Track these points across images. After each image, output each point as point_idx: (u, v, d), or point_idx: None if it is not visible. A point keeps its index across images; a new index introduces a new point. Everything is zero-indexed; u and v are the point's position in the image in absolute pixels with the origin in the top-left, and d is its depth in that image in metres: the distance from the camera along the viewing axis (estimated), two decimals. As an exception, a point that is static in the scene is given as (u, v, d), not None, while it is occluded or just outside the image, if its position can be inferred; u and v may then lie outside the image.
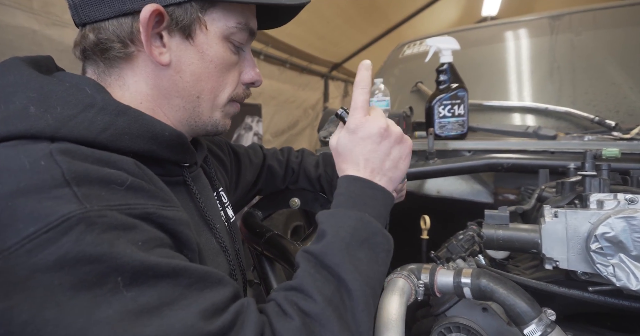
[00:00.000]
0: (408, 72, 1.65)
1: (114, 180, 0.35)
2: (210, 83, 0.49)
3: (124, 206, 0.34)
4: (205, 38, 0.47)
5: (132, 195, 0.35)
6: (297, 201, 0.87)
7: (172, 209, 0.38)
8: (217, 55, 0.48)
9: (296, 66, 3.38)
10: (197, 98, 0.49)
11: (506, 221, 0.60)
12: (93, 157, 0.36)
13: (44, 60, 0.47)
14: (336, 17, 3.06)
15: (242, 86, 0.54)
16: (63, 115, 0.38)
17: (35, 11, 1.11)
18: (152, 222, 0.36)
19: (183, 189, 0.51)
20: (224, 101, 0.52)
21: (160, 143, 0.45)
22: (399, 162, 0.53)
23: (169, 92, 0.48)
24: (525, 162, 0.91)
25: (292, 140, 3.57)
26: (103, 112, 0.40)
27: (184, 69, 0.47)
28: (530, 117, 1.21)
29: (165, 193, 0.41)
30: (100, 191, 0.33)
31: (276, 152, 0.89)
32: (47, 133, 0.36)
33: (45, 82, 0.40)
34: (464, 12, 4.69)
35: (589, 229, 0.52)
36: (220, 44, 0.48)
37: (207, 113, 0.51)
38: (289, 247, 0.66)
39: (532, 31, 1.49)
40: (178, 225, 0.38)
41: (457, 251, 0.74)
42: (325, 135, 1.29)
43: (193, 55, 0.47)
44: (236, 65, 0.52)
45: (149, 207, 0.36)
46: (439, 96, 1.11)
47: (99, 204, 0.32)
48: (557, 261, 0.54)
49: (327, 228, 0.45)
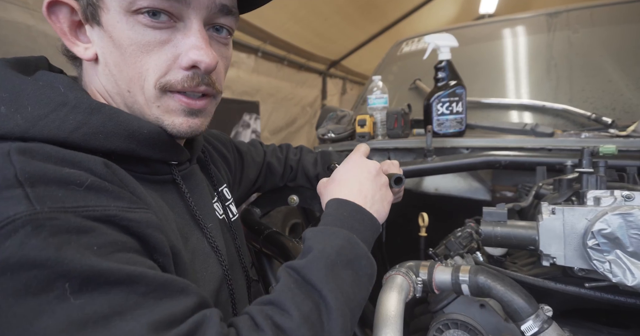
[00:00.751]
0: (406, 69, 1.65)
1: (73, 181, 0.33)
2: (129, 71, 0.42)
3: (82, 208, 0.32)
4: (109, 17, 0.40)
5: (92, 196, 0.33)
6: (295, 198, 0.87)
7: (139, 211, 0.36)
8: (122, 35, 0.40)
9: (294, 63, 3.37)
10: (129, 93, 0.43)
11: (504, 218, 0.60)
12: (56, 157, 0.34)
13: (35, 60, 0.45)
14: (334, 14, 3.05)
15: (181, 71, 0.42)
16: (33, 114, 0.36)
17: (30, 6, 1.10)
18: (113, 225, 0.33)
19: (172, 188, 0.49)
20: (151, 92, 0.42)
21: (140, 141, 0.42)
22: (384, 200, 0.55)
23: (110, 90, 0.44)
24: (523, 160, 0.91)
25: (290, 138, 3.56)
26: (75, 110, 0.38)
27: (108, 60, 0.42)
28: (527, 115, 1.22)
29: (137, 194, 0.39)
30: (57, 191, 0.31)
31: (275, 149, 0.89)
32: (16, 134, 0.35)
33: (18, 82, 0.38)
34: (461, 10, 4.69)
35: (585, 226, 0.52)
36: (125, 19, 0.40)
37: (146, 110, 0.44)
38: (287, 244, 0.66)
39: (530, 28, 1.49)
40: (145, 228, 0.35)
41: (455, 248, 0.74)
42: (323, 133, 1.29)
43: (107, 41, 0.41)
44: (161, 45, 0.41)
45: (110, 208, 0.33)
46: (437, 93, 1.11)
47: (52, 205, 0.30)
48: (555, 257, 0.55)
49: (313, 244, 0.43)
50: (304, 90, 3.72)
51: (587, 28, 1.34)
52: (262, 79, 2.95)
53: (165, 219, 0.43)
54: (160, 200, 0.45)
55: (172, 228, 0.43)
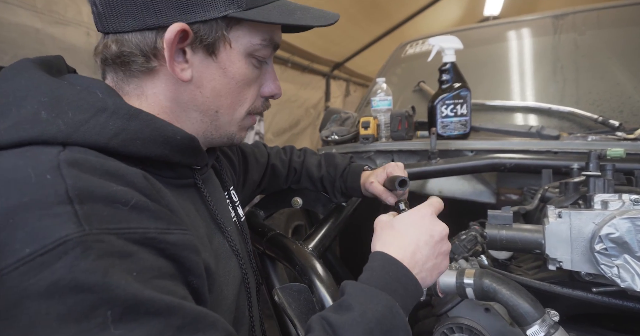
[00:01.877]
0: (410, 71, 1.65)
1: (119, 199, 0.33)
2: (230, 98, 0.49)
3: (124, 230, 0.32)
4: (228, 55, 0.47)
5: (135, 216, 0.34)
6: (299, 200, 0.87)
7: (177, 232, 0.36)
8: (239, 72, 0.48)
9: (298, 65, 3.38)
10: (215, 113, 0.49)
11: (509, 221, 0.59)
12: (102, 170, 0.35)
13: (55, 60, 0.46)
14: (338, 16, 3.05)
15: (260, 99, 0.54)
16: (75, 120, 0.37)
17: (39, 9, 1.11)
18: (152, 248, 0.34)
19: (194, 192, 0.51)
20: (241, 115, 0.51)
21: (173, 147, 0.44)
22: (435, 270, 0.50)
23: (187, 106, 0.48)
24: (528, 162, 0.90)
25: (294, 140, 3.56)
26: (115, 116, 0.39)
27: (205, 84, 0.47)
28: (533, 117, 1.21)
29: (172, 210, 0.40)
30: (103, 210, 0.32)
31: (279, 151, 0.89)
32: (59, 139, 0.36)
33: (55, 86, 0.39)
34: (466, 12, 4.67)
35: (593, 230, 0.52)
36: (243, 60, 0.48)
37: (225, 126, 0.51)
38: (291, 246, 0.66)
39: (536, 30, 1.48)
40: (181, 251, 0.36)
41: (459, 251, 0.74)
42: (327, 135, 1.29)
43: (215, 71, 0.47)
44: (257, 79, 0.51)
45: (150, 231, 0.34)
46: (441, 96, 1.10)
47: (98, 226, 0.30)
48: (561, 261, 0.54)
49: (354, 303, 0.41)
50: (307, 92, 3.73)
51: (593, 30, 1.33)
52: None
53: (194, 227, 0.45)
54: (188, 204, 0.47)
55: (201, 237, 0.45)
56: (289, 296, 0.57)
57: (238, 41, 0.47)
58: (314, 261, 0.62)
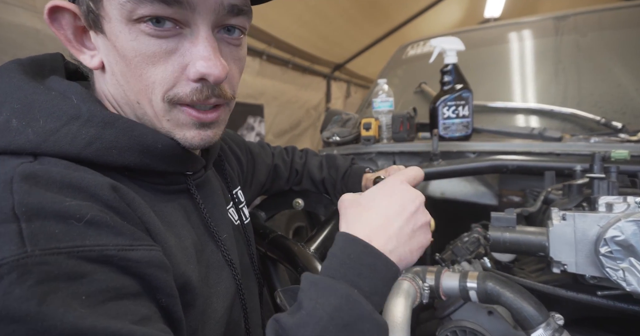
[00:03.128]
0: (412, 72, 1.65)
1: (72, 215, 0.30)
2: (136, 83, 0.39)
3: (78, 248, 0.29)
4: (111, 25, 0.37)
5: (92, 232, 0.30)
6: (300, 202, 0.86)
7: (140, 249, 0.33)
8: (126, 46, 0.37)
9: (298, 66, 3.38)
10: (138, 105, 0.41)
11: (513, 223, 0.59)
12: (62, 182, 0.32)
13: (49, 60, 0.44)
14: (339, 17, 3.06)
15: (190, 83, 0.39)
16: (45, 128, 0.35)
17: (39, 9, 1.11)
18: (112, 266, 0.30)
19: (187, 198, 0.47)
20: (159, 106, 0.40)
21: (154, 156, 0.40)
22: (415, 245, 0.42)
23: (119, 98, 0.42)
24: (531, 164, 0.90)
25: (295, 141, 3.56)
26: (88, 124, 0.36)
27: (115, 70, 0.39)
28: (535, 119, 1.21)
29: (145, 221, 0.37)
30: (53, 228, 0.29)
31: (282, 152, 0.88)
32: (27, 149, 0.34)
33: (30, 91, 0.36)
34: (466, 13, 4.68)
35: (598, 232, 0.51)
36: (127, 29, 0.37)
37: (156, 123, 0.41)
38: (293, 248, 0.66)
39: (537, 32, 1.48)
40: (146, 268, 0.32)
41: (462, 253, 0.73)
42: (328, 136, 1.29)
43: (111, 50, 0.38)
44: (168, 54, 0.38)
45: (109, 248, 0.31)
46: (443, 97, 1.10)
47: (45, 246, 0.27)
48: (565, 264, 0.54)
49: (305, 299, 0.35)
50: (308, 93, 3.73)
51: (595, 32, 1.33)
52: (266, 82, 2.96)
53: (178, 237, 0.42)
54: (177, 212, 0.44)
55: (185, 248, 0.42)
56: (291, 299, 0.56)
57: (110, 4, 0.36)
58: (316, 264, 0.61)
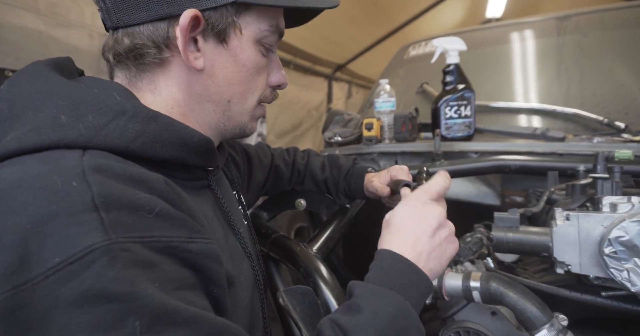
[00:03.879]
0: (413, 72, 1.65)
1: (143, 207, 0.33)
2: (241, 87, 0.49)
3: (149, 238, 0.32)
4: (239, 42, 0.47)
5: (159, 224, 0.33)
6: (302, 202, 0.86)
7: (199, 241, 0.36)
8: (249, 59, 0.48)
9: (300, 67, 3.39)
10: (227, 103, 0.49)
11: (516, 224, 0.59)
12: (125, 176, 0.34)
13: (65, 62, 0.45)
14: (340, 17, 3.06)
15: (269, 88, 0.54)
16: (95, 123, 0.37)
17: (42, 12, 1.11)
18: (175, 257, 0.33)
19: (209, 193, 0.51)
20: (253, 104, 0.52)
21: (190, 149, 0.44)
22: (443, 257, 0.49)
23: (200, 96, 0.48)
24: (534, 164, 0.90)
25: (296, 141, 3.56)
26: (134, 119, 0.39)
27: (217, 73, 0.47)
28: (537, 119, 1.20)
29: (193, 215, 0.39)
30: (127, 218, 0.31)
31: (283, 152, 0.88)
32: (80, 143, 0.35)
33: (74, 89, 0.39)
34: (468, 14, 4.67)
35: (602, 233, 0.51)
36: (253, 47, 0.48)
37: (237, 116, 0.51)
38: (295, 248, 0.66)
39: (539, 32, 1.48)
40: (203, 260, 0.35)
41: (465, 254, 0.73)
42: (330, 136, 1.28)
43: (226, 59, 0.47)
44: (265, 68, 0.52)
45: (173, 240, 0.33)
46: (445, 97, 1.10)
47: (124, 235, 0.30)
48: (569, 265, 0.53)
49: (364, 304, 0.40)
50: (309, 93, 3.74)
51: (597, 32, 1.33)
52: (268, 83, 2.96)
53: (212, 229, 0.45)
54: (206, 206, 0.48)
55: (219, 240, 0.45)
56: (293, 299, 0.56)
57: (247, 27, 0.47)
58: (318, 264, 0.61)
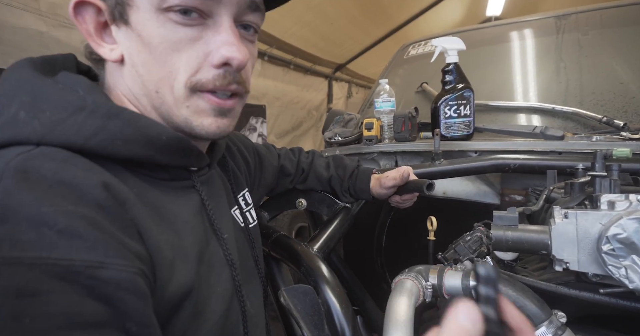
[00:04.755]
0: (413, 72, 1.65)
1: (46, 222, 0.29)
2: (158, 71, 0.40)
3: (43, 260, 0.27)
4: (138, 15, 0.39)
5: (63, 243, 0.28)
6: (303, 202, 0.87)
7: (113, 267, 0.30)
8: (152, 34, 0.39)
9: (300, 67, 3.39)
10: (157, 94, 0.42)
11: (515, 222, 0.59)
12: (53, 179, 0.31)
13: (61, 59, 0.45)
14: (340, 17, 3.06)
15: (212, 69, 0.41)
16: (51, 119, 0.35)
17: (43, 13, 1.12)
18: (77, 285, 0.28)
19: (193, 193, 0.47)
20: (180, 92, 0.41)
21: (158, 148, 0.40)
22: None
23: (137, 92, 0.43)
24: (533, 163, 0.90)
25: (296, 141, 3.57)
26: (93, 115, 0.37)
27: (135, 61, 0.41)
28: (536, 118, 1.20)
29: (137, 223, 0.35)
30: (23, 234, 0.28)
31: (288, 152, 0.89)
32: (33, 140, 0.34)
33: (39, 84, 0.38)
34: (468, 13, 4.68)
35: (600, 230, 0.51)
36: (155, 17, 0.38)
37: (173, 111, 0.42)
38: (296, 248, 0.66)
39: (538, 31, 1.48)
40: (115, 290, 0.29)
41: (464, 252, 0.73)
42: (330, 136, 1.29)
43: (135, 41, 0.40)
44: (192, 42, 0.40)
45: (76, 264, 0.28)
46: (444, 97, 1.10)
47: (7, 254, 0.26)
48: (568, 262, 0.54)
49: None
50: (310, 93, 3.74)
51: (597, 30, 1.33)
52: (268, 83, 2.97)
53: (178, 235, 0.41)
54: (182, 209, 0.44)
55: (182, 248, 0.41)
56: (294, 298, 0.56)
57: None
58: (319, 263, 0.62)
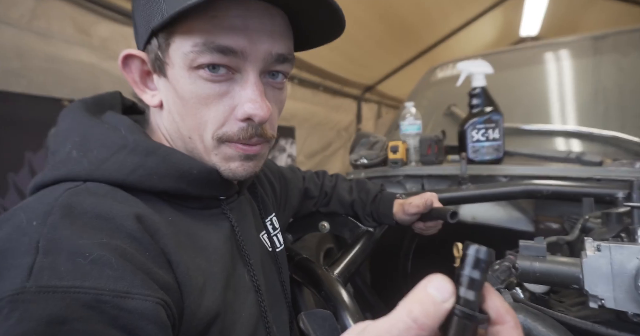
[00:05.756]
0: (441, 94, 1.64)
1: (82, 253, 0.31)
2: (189, 121, 0.44)
3: (76, 289, 0.29)
4: (173, 71, 0.43)
5: (95, 274, 0.31)
6: (326, 225, 0.87)
7: (137, 297, 0.32)
8: (185, 88, 0.42)
9: (329, 89, 3.46)
10: (190, 140, 0.45)
11: (543, 253, 0.57)
12: (92, 213, 0.35)
13: (109, 98, 0.50)
14: (368, 40, 3.12)
15: (237, 123, 0.44)
16: (98, 158, 0.40)
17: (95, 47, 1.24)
18: (103, 314, 0.30)
19: (225, 221, 0.50)
20: (209, 142, 0.44)
21: (190, 181, 0.44)
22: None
23: (173, 133, 0.47)
24: (568, 190, 0.86)
25: (325, 162, 3.60)
26: (133, 153, 0.41)
27: (172, 108, 0.45)
28: (572, 142, 1.16)
29: (167, 251, 0.38)
30: (62, 264, 0.30)
31: (312, 175, 0.91)
32: (82, 177, 0.39)
33: (88, 125, 0.43)
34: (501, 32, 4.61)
35: (637, 266, 0.48)
36: (187, 75, 0.42)
37: (205, 156, 0.46)
38: (317, 271, 0.66)
39: (573, 52, 1.44)
40: (138, 320, 0.31)
41: (492, 282, 0.70)
42: (356, 159, 1.30)
43: (171, 92, 0.44)
44: (220, 97, 0.43)
45: (104, 293, 0.30)
46: (472, 120, 1.09)
47: (47, 282, 0.29)
48: (603, 299, 0.50)
49: None
50: (339, 114, 3.79)
51: (637, 51, 1.27)
52: (297, 105, 3.05)
53: (208, 262, 0.43)
54: (213, 235, 0.47)
55: (212, 275, 0.43)
56: (314, 323, 0.56)
57: (175, 54, 0.42)
58: (339, 288, 0.61)
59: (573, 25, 4.16)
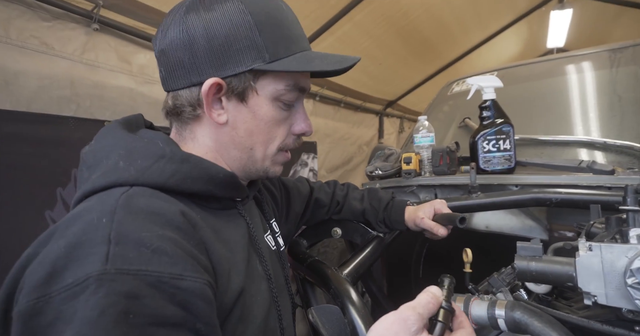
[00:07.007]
0: (456, 108, 1.68)
1: (145, 243, 0.38)
2: (261, 137, 0.57)
3: (142, 272, 0.36)
4: (257, 100, 0.55)
5: (155, 260, 0.38)
6: (338, 231, 0.93)
7: (189, 279, 0.39)
8: (266, 114, 0.56)
9: (350, 105, 3.54)
10: (250, 150, 0.57)
11: (539, 253, 0.60)
12: (147, 210, 0.42)
13: (135, 119, 0.60)
14: (388, 58, 3.20)
15: (292, 136, 0.61)
16: (142, 166, 0.47)
17: (134, 73, 1.40)
18: (163, 292, 0.37)
19: (240, 219, 0.59)
20: (273, 151, 0.59)
21: (216, 184, 0.53)
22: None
23: (227, 145, 0.57)
24: (577, 197, 0.87)
25: (347, 176, 3.65)
26: (171, 161, 0.49)
27: (239, 126, 0.56)
28: (585, 152, 1.16)
29: (205, 241, 0.46)
30: (130, 252, 0.37)
31: (322, 185, 0.97)
32: (129, 182, 0.46)
33: (130, 141, 0.51)
34: (527, 45, 4.57)
35: (626, 264, 0.51)
36: (270, 104, 0.56)
37: (260, 162, 0.59)
38: (327, 271, 0.72)
39: (590, 64, 1.45)
40: (191, 297, 0.38)
41: (497, 284, 0.73)
42: (371, 170, 1.35)
43: (246, 114, 0.55)
44: (286, 119, 0.59)
45: (164, 275, 0.37)
46: (482, 131, 1.13)
47: (119, 266, 0.35)
48: (595, 296, 0.53)
49: None
50: (360, 130, 3.85)
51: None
52: (319, 121, 3.14)
53: (232, 251, 0.52)
54: (233, 231, 0.56)
55: (236, 262, 0.52)
56: (322, 317, 0.62)
57: (264, 88, 0.55)
58: (347, 286, 0.67)
59: (602, 35, 4.08)
